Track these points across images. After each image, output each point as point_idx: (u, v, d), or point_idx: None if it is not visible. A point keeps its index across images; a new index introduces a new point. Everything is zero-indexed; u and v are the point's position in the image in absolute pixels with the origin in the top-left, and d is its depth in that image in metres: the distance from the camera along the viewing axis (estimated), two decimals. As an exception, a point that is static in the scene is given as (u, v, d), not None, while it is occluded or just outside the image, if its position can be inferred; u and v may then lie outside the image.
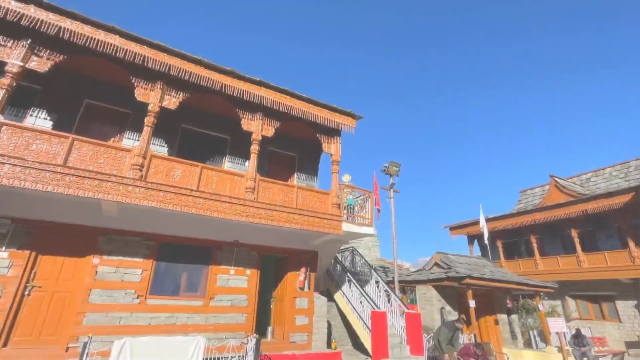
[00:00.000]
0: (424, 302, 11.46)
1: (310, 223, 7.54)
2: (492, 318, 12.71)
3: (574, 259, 16.07)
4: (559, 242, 18.32)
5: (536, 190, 22.45)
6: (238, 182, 7.12)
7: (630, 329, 14.61)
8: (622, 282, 14.98)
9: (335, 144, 8.71)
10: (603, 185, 18.36)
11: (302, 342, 8.03)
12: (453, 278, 10.19)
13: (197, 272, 7.38)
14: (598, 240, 16.75)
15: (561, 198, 17.91)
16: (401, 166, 12.00)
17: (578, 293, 16.73)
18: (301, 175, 9.90)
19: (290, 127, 9.03)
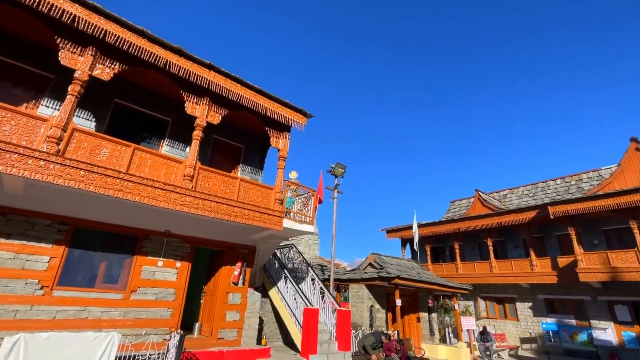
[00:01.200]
0: (355, 300, 11.95)
1: (250, 217, 7.36)
2: (415, 316, 13.76)
3: (488, 265, 18.14)
4: (477, 249, 20.53)
5: (463, 202, 24.86)
6: (175, 168, 6.66)
7: (525, 327, 16.97)
8: (523, 287, 17.33)
9: (284, 139, 8.63)
10: (516, 201, 21.03)
11: (232, 338, 7.82)
12: (384, 278, 10.80)
13: (118, 262, 6.73)
14: (507, 249, 19.15)
15: (482, 210, 20.08)
16: (346, 169, 12.36)
17: (488, 295, 18.93)
18: (246, 168, 9.62)
19: (239, 116, 8.74)
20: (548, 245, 17.46)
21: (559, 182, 20.11)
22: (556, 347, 15.05)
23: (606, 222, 15.48)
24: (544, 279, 15.93)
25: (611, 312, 14.54)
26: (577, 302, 15.65)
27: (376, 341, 8.15)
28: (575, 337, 14.92)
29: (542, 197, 19.61)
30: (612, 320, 14.40)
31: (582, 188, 18.23)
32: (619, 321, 14.26)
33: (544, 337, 15.79)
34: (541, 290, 16.78)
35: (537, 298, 16.85)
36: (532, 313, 16.88)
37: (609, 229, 15.62)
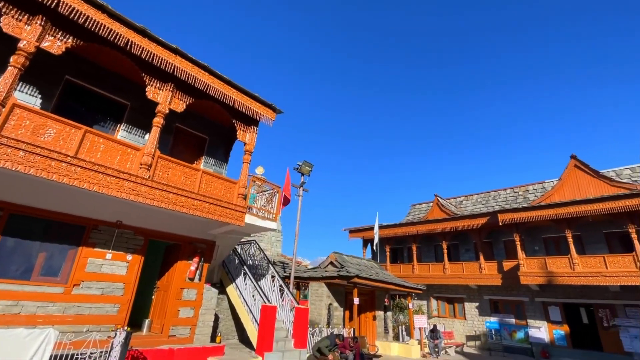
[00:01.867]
0: (315, 298, 12.05)
1: (211, 211, 7.13)
2: (372, 314, 14.17)
3: (442, 266, 19.14)
4: (433, 251, 21.59)
5: (423, 206, 25.99)
6: (132, 155, 6.27)
7: (471, 325, 18.15)
8: (471, 288, 18.51)
9: (251, 133, 8.46)
10: (470, 208, 22.39)
11: (184, 335, 7.54)
12: (344, 277, 10.98)
13: (60, 254, 6.20)
14: (460, 252, 20.35)
15: (440, 215, 21.15)
16: (313, 167, 12.40)
17: (440, 295, 19.99)
18: (209, 160, 9.30)
19: (205, 106, 8.42)
20: (495, 249, 18.80)
21: (509, 191, 21.72)
22: (497, 344, 16.28)
23: (546, 231, 17.00)
24: (490, 281, 17.14)
25: (545, 312, 16.00)
26: (517, 303, 17.03)
27: (330, 343, 8.29)
28: (514, 334, 16.22)
29: (493, 205, 21.06)
30: (546, 320, 15.85)
31: (527, 198, 19.84)
32: (552, 320, 15.74)
33: (487, 335, 17.00)
34: (487, 292, 18.04)
35: (483, 299, 18.09)
36: (478, 312, 18.10)
37: (548, 236, 17.17)
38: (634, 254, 13.12)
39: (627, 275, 13.03)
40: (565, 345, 14.99)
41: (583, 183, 16.01)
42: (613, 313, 14.31)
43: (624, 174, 17.53)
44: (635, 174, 17.23)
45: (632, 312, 13.85)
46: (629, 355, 13.36)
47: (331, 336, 8.54)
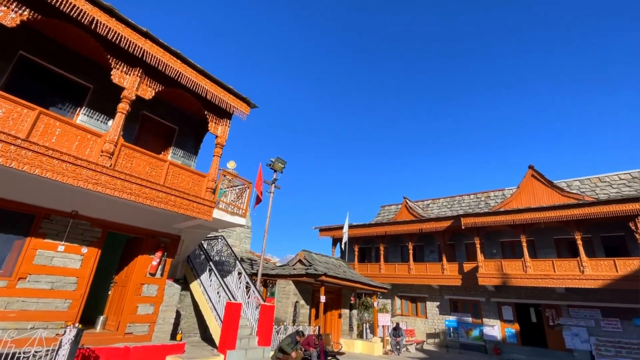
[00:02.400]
0: (281, 296, 12.00)
1: (177, 204, 6.87)
2: (337, 312, 14.35)
3: (407, 266, 19.76)
4: (399, 252, 22.24)
5: (392, 207, 26.68)
6: (92, 141, 5.89)
7: (432, 323, 18.91)
8: (434, 288, 19.28)
9: (224, 126, 8.25)
10: (436, 211, 23.29)
11: (141, 333, 7.21)
12: (311, 275, 11.03)
13: (5, 244, 5.71)
14: (425, 253, 21.13)
15: (408, 217, 21.81)
16: (286, 164, 12.32)
17: (404, 294, 20.64)
18: (178, 151, 8.95)
19: (175, 95, 8.11)
20: (458, 252, 19.71)
21: (472, 197, 22.84)
22: (454, 342, 17.10)
23: (504, 235, 18.07)
24: (451, 282, 17.95)
25: (499, 311, 17.02)
26: (474, 303, 17.97)
27: (292, 341, 8.28)
28: (470, 332, 17.11)
29: (457, 209, 22.05)
30: (499, 319, 16.87)
31: (489, 204, 20.97)
32: (504, 319, 16.77)
33: (445, 333, 17.80)
34: (448, 291, 18.87)
35: (444, 298, 18.91)
36: (439, 311, 18.89)
37: (505, 240, 18.26)
38: (579, 259, 14.29)
39: (572, 278, 14.16)
40: (515, 342, 16.04)
41: (538, 192, 17.18)
42: (558, 313, 15.51)
43: (573, 185, 19.02)
44: (583, 186, 18.76)
45: (575, 312, 15.09)
46: (569, 351, 14.55)
47: (292, 334, 8.53)
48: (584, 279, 13.91)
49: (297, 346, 8.44)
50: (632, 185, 16.96)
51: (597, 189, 17.95)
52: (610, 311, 14.40)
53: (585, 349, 14.10)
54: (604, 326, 14.30)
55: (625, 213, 13.61)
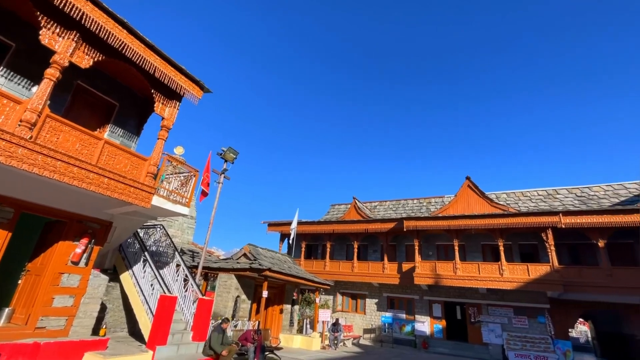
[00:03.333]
0: (222, 290, 11.63)
1: (111, 188, 6.26)
2: (279, 307, 14.33)
3: (351, 264, 20.41)
4: (345, 250, 22.89)
5: (342, 207, 27.34)
6: (9, 108, 5.11)
7: (369, 319, 19.79)
8: (374, 285, 20.18)
9: (172, 108, 7.71)
10: (382, 213, 24.38)
11: (57, 327, 6.47)
12: (255, 269, 10.85)
13: None
14: (368, 252, 22.02)
15: (356, 216, 22.53)
16: (239, 155, 11.95)
17: (346, 291, 21.30)
18: (117, 130, 8.18)
19: (118, 68, 7.39)
20: (398, 252, 20.87)
21: (415, 201, 24.32)
22: (388, 336, 18.11)
23: (439, 238, 19.55)
24: (390, 280, 18.95)
25: (430, 309, 18.40)
26: (409, 300, 19.20)
27: (218, 334, 8.01)
28: (403, 328, 18.26)
29: (401, 212, 23.32)
30: (429, 315, 18.24)
31: (429, 209, 22.51)
32: (434, 316, 18.18)
33: (381, 328, 18.76)
34: (386, 289, 19.90)
35: (383, 296, 19.91)
36: (377, 308, 19.85)
37: (440, 244, 19.77)
38: (500, 263, 16.00)
39: (493, 280, 15.81)
40: (442, 337, 17.49)
41: (472, 201, 18.87)
42: (479, 311, 17.22)
43: (501, 197, 21.22)
44: (509, 198, 21.03)
45: (493, 311, 16.88)
46: (485, 345, 16.25)
47: (217, 327, 8.28)
48: (502, 281, 15.62)
49: (227, 338, 8.22)
50: (547, 201, 19.44)
51: (519, 202, 20.25)
52: (520, 310, 16.37)
53: (498, 343, 15.86)
54: (514, 323, 16.21)
55: (539, 225, 15.56)
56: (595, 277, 14.51)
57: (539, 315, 15.86)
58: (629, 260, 15.55)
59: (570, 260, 16.64)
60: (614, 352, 19.46)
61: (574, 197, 19.23)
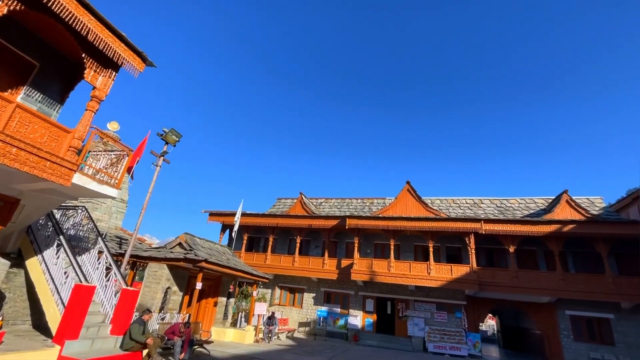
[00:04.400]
0: (151, 280, 10.85)
1: (22, 160, 5.43)
2: (214, 300, 13.84)
3: (292, 259, 20.51)
4: (287, 244, 22.93)
5: (288, 201, 27.28)
6: None
7: (305, 313, 20.11)
8: (313, 280, 20.55)
9: (106, 77, 6.93)
10: (327, 210, 24.89)
11: None
12: (190, 260, 10.31)
13: None
14: (310, 248, 22.34)
15: (301, 211, 22.65)
16: (181, 138, 11.21)
17: (285, 285, 21.36)
18: (35, 94, 7.11)
19: (43, 24, 6.42)
20: (339, 249, 21.51)
21: (359, 201, 25.26)
22: (322, 330, 18.61)
23: (378, 237, 20.58)
24: (329, 275, 19.46)
25: (363, 304, 19.32)
26: (345, 295, 19.94)
27: (139, 325, 7.53)
28: (337, 322, 18.91)
29: (345, 210, 24.05)
30: (362, 310, 19.16)
31: (371, 209, 23.55)
32: (366, 310, 19.14)
33: (316, 322, 19.21)
34: (325, 284, 20.40)
35: (320, 290, 20.38)
36: (313, 302, 20.25)
37: (378, 242, 20.83)
38: (428, 263, 17.40)
39: (421, 278, 17.14)
40: (372, 330, 18.50)
41: (410, 204, 20.18)
42: (407, 306, 18.55)
43: (435, 203, 23.04)
44: (442, 204, 22.91)
45: (419, 306, 18.30)
46: (409, 338, 17.58)
47: (138, 319, 7.78)
48: (429, 279, 17.01)
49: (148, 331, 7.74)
50: (473, 209, 21.60)
51: (450, 208, 22.19)
52: (442, 306, 18.01)
53: (420, 335, 17.27)
54: (436, 318, 17.79)
55: (464, 230, 17.25)
56: (505, 278, 16.56)
57: (457, 311, 17.61)
58: (532, 264, 18.04)
59: (486, 262, 18.74)
60: (514, 343, 22.47)
61: (494, 207, 21.65)
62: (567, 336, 16.10)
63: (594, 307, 16.01)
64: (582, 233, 16.03)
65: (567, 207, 18.17)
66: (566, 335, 16.12)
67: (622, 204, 24.80)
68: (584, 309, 16.17)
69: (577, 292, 15.54)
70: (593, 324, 16.10)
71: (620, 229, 15.57)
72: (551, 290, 15.86)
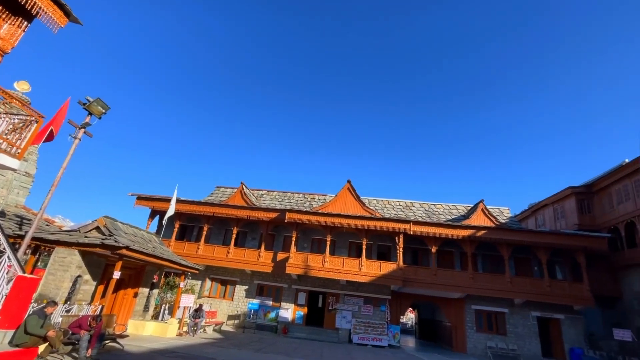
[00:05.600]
0: (57, 267, 9.53)
1: None
2: (134, 291, 12.73)
3: (226, 250, 19.83)
4: (223, 235, 22.09)
5: (228, 190, 26.26)
6: None
7: (236, 306, 19.63)
8: (247, 272, 20.12)
9: (13, 26, 5.85)
10: (267, 202, 24.55)
11: None
12: (108, 246, 9.28)
13: None
14: (247, 239, 21.83)
15: (241, 202, 22.00)
16: (109, 111, 10.00)
17: (217, 277, 20.57)
18: None
19: None
20: (276, 242, 21.40)
21: (301, 196, 25.41)
22: (252, 323, 18.38)
23: (315, 233, 20.96)
24: (264, 268, 19.25)
25: (296, 297, 19.54)
26: (278, 289, 19.94)
27: (39, 318, 6.67)
28: (268, 314, 18.83)
29: (286, 204, 24.00)
30: (294, 303, 19.37)
31: (312, 204, 23.87)
32: (298, 304, 19.39)
33: (246, 315, 18.88)
34: (258, 277, 20.14)
35: (254, 283, 20.07)
36: (245, 294, 19.87)
37: (315, 237, 21.22)
38: (360, 259, 18.27)
39: (353, 273, 17.92)
40: (301, 323, 18.82)
41: (349, 202, 20.92)
42: (337, 300, 19.25)
43: (372, 202, 24.25)
44: (378, 204, 24.20)
45: (348, 300, 19.12)
46: (337, 330, 18.29)
47: (38, 311, 6.90)
48: (360, 274, 17.87)
49: (49, 324, 6.86)
50: (405, 211, 23.23)
51: (385, 209, 23.55)
52: (369, 300, 19.07)
53: (347, 328, 18.08)
54: (363, 311, 18.79)
55: (395, 230, 18.47)
56: (426, 276, 18.17)
57: (382, 305, 18.82)
58: (449, 264, 20.08)
59: (411, 261, 20.33)
60: (429, 334, 24.84)
61: (423, 210, 23.57)
62: (471, 327, 18.31)
63: (494, 302, 18.46)
64: (491, 238, 18.32)
65: (482, 215, 20.59)
66: (470, 327, 18.32)
67: (524, 215, 28.98)
68: (486, 304, 18.54)
69: (482, 289, 17.76)
70: (491, 317, 18.55)
71: (519, 236, 18.15)
72: (462, 287, 17.87)
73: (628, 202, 19.28)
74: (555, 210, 24.37)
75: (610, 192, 20.67)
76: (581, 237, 17.87)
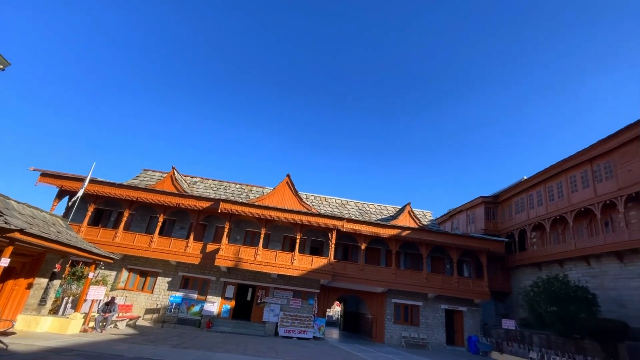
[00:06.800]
0: None
1: None
2: (28, 281, 10.96)
3: (149, 238, 18.25)
4: (147, 222, 20.30)
5: (157, 174, 24.17)
6: None
7: (156, 299, 18.23)
8: (171, 263, 18.80)
9: None
10: (201, 190, 23.23)
11: None
12: (-4, 228, 7.81)
13: None
14: (174, 228, 20.39)
15: (170, 188, 20.42)
16: (8, 68, 8.38)
17: (135, 267, 18.82)
18: None
19: None
20: (207, 232, 20.40)
21: (238, 186, 24.61)
22: (172, 317, 17.26)
23: (250, 225, 20.51)
24: (191, 260, 18.20)
25: (223, 290, 18.90)
26: (205, 281, 19.06)
27: None
28: (191, 308, 17.89)
29: (221, 194, 23.01)
30: (221, 296, 18.71)
31: (249, 196, 23.28)
32: (225, 297, 18.78)
33: (167, 308, 17.67)
34: (184, 269, 18.98)
35: (178, 275, 18.85)
36: (168, 287, 18.57)
37: (249, 230, 20.76)
38: (293, 253, 18.41)
39: (285, 267, 17.98)
40: (228, 316, 18.28)
41: (286, 196, 20.89)
42: (267, 293, 19.14)
43: (309, 198, 24.58)
44: (315, 200, 24.63)
45: (278, 293, 19.14)
46: (264, 323, 18.20)
47: None
48: (292, 268, 18.01)
49: None
50: (340, 208, 24.04)
51: (321, 205, 24.08)
52: (298, 293, 19.35)
53: (274, 321, 18.10)
54: (291, 304, 18.99)
55: (329, 226, 19.01)
56: (354, 271, 19.09)
57: (310, 298, 19.27)
58: (376, 261, 21.40)
59: (342, 256, 21.18)
60: (352, 326, 26.20)
61: (357, 209, 24.69)
62: (389, 319, 19.81)
63: (411, 296, 20.24)
64: (414, 238, 20.01)
65: (408, 217, 22.36)
66: (389, 319, 19.82)
67: (443, 219, 32.27)
68: (404, 298, 20.24)
69: (402, 284, 19.32)
70: (408, 310, 20.33)
71: (437, 237, 20.17)
72: (386, 282, 19.21)
73: (522, 212, 22.83)
74: (468, 215, 27.67)
75: (511, 203, 24.21)
76: (485, 241, 20.57)
